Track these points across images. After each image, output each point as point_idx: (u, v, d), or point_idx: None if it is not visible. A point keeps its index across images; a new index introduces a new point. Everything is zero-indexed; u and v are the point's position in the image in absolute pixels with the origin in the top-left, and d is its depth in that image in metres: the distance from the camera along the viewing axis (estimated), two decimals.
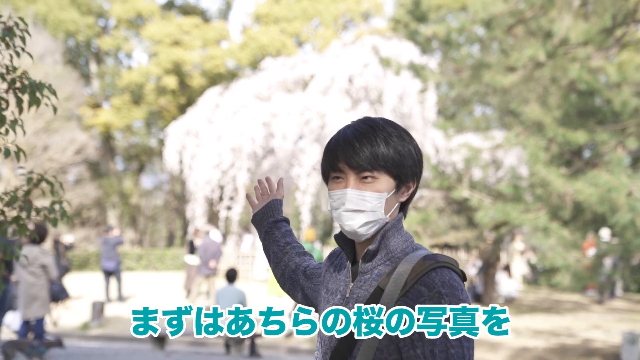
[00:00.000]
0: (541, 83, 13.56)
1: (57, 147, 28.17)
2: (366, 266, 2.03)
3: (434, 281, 1.90)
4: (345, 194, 2.00)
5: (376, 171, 1.98)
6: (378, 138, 1.99)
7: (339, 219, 2.03)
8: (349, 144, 2.00)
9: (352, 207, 1.99)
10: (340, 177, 2.03)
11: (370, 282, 2.00)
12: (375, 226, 2.01)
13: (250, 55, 33.50)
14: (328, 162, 2.06)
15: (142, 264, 26.90)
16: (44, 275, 10.74)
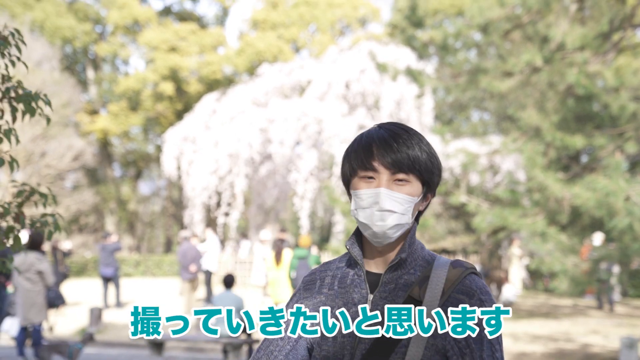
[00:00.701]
0: (538, 88, 13.58)
1: (55, 153, 28.15)
2: (391, 276, 1.98)
3: (472, 288, 1.93)
4: (379, 193, 1.93)
5: (411, 174, 1.95)
6: (413, 141, 1.97)
7: (367, 219, 1.94)
8: (387, 143, 1.95)
9: (386, 207, 1.92)
10: (372, 176, 1.95)
11: (396, 293, 1.96)
12: (400, 230, 1.96)
13: (247, 61, 33.53)
14: (360, 160, 1.97)
15: (140, 270, 26.87)
16: (41, 281, 10.73)
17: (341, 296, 2.00)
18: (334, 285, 2.04)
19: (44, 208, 3.94)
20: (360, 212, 1.96)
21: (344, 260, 2.10)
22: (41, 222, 3.89)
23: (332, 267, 2.10)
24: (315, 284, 2.08)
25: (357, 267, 2.02)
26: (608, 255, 11.65)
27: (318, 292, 2.06)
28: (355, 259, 2.01)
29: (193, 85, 33.95)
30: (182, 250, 17.25)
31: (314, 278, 2.10)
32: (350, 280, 2.02)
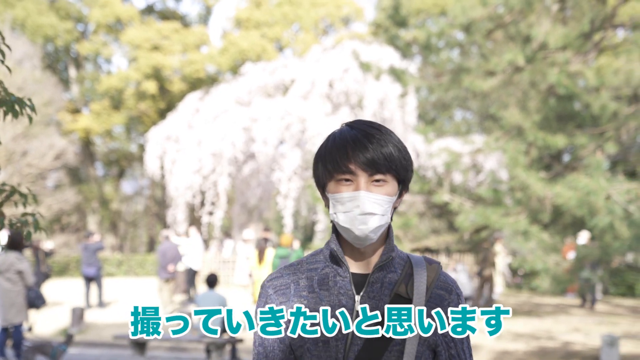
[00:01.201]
0: (520, 87, 13.66)
1: (36, 152, 27.97)
2: (377, 275, 1.97)
3: (448, 284, 2.03)
4: (359, 196, 1.90)
5: (388, 174, 1.93)
6: (387, 140, 1.94)
7: (349, 223, 1.92)
8: (362, 144, 1.92)
9: (367, 210, 1.90)
10: (349, 179, 1.92)
11: (382, 291, 1.96)
12: (381, 230, 1.95)
13: (230, 60, 33.46)
14: (335, 163, 1.93)
15: (123, 270, 26.75)
16: (21, 281, 10.66)
17: (326, 298, 1.96)
18: (314, 287, 1.99)
19: (24, 208, 3.92)
20: (341, 215, 1.93)
21: (314, 261, 2.05)
22: (21, 221, 3.87)
23: (302, 269, 2.04)
24: (290, 288, 2.02)
25: (341, 268, 1.98)
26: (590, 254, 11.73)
27: (296, 295, 2.00)
28: (340, 260, 1.98)
29: (176, 84, 33.84)
30: (162, 249, 17.34)
31: (285, 282, 2.03)
32: (333, 282, 1.98)
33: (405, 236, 18.62)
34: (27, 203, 3.90)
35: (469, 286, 18.13)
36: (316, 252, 2.07)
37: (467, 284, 18.09)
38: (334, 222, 1.97)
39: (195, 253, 18.35)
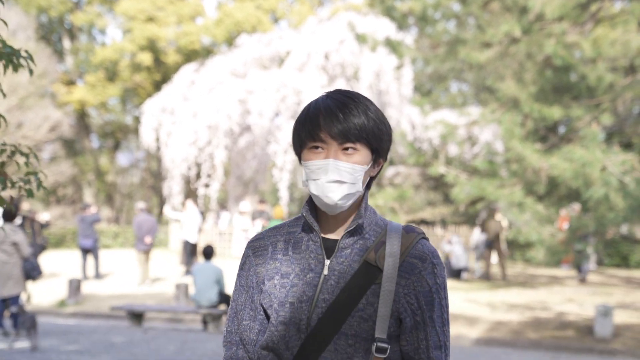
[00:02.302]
0: (517, 59, 13.61)
1: (31, 124, 27.88)
2: (347, 241, 1.99)
3: (424, 252, 2.00)
4: (328, 164, 1.94)
5: (358, 143, 1.95)
6: (359, 110, 1.96)
7: (318, 191, 1.95)
8: (332, 114, 1.95)
9: (334, 178, 1.93)
10: (320, 147, 1.96)
11: (352, 257, 1.98)
12: (351, 199, 1.97)
13: (225, 31, 33.26)
14: (307, 131, 1.97)
15: (119, 242, 26.80)
16: (17, 253, 10.69)
17: (297, 262, 2.01)
18: (288, 250, 2.04)
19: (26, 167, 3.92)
20: (311, 183, 1.96)
21: (295, 225, 2.09)
22: (24, 180, 3.87)
23: (283, 232, 2.09)
24: (267, 250, 2.07)
25: (312, 233, 2.02)
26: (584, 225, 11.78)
27: (271, 257, 2.05)
28: (311, 225, 2.01)
29: (171, 56, 33.66)
30: (137, 221, 17.70)
31: (264, 243, 2.09)
32: (306, 246, 2.02)
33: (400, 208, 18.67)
34: (29, 162, 3.90)
35: (464, 258, 18.24)
36: (300, 216, 2.09)
37: (463, 255, 18.19)
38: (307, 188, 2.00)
39: (192, 226, 18.38)
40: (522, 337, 12.26)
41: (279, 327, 1.96)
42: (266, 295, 2.02)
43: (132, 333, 11.78)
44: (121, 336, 11.25)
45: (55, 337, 10.83)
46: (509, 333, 12.52)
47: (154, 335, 11.59)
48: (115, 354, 9.33)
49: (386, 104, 22.22)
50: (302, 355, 1.94)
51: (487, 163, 13.88)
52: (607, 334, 11.85)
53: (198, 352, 9.58)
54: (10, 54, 3.70)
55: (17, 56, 3.72)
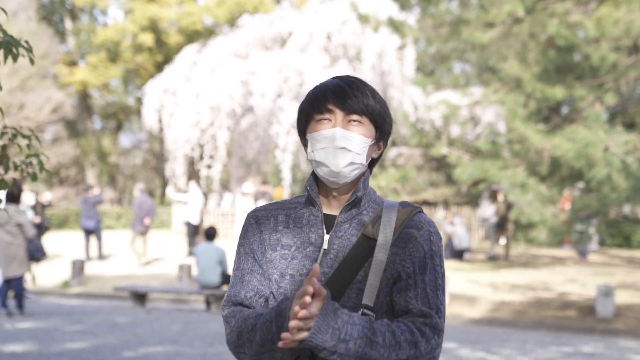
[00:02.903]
0: (520, 39, 13.55)
1: (33, 105, 27.86)
2: (346, 215, 2.06)
3: (421, 222, 2.06)
4: (335, 132, 2.01)
5: (364, 116, 2.03)
6: (366, 89, 2.06)
7: (325, 158, 2.01)
8: (341, 88, 2.04)
9: (341, 145, 2.00)
10: (327, 118, 2.03)
11: (350, 232, 2.04)
12: (356, 170, 2.04)
13: (227, 12, 33.12)
14: (314, 104, 2.05)
15: (122, 223, 26.86)
16: (21, 234, 10.72)
17: (297, 235, 2.07)
18: (289, 224, 2.10)
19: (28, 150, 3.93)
20: (317, 152, 2.03)
21: (296, 201, 2.16)
22: (25, 163, 3.88)
23: (284, 206, 2.15)
24: (270, 220, 2.13)
25: (314, 207, 2.09)
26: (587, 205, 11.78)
27: (273, 229, 2.11)
28: (314, 199, 2.08)
29: (173, 37, 33.55)
30: (137, 202, 17.75)
31: (267, 214, 2.14)
32: (307, 220, 2.08)
33: (403, 189, 18.66)
34: (31, 145, 3.91)
35: (467, 238, 18.26)
36: (301, 195, 2.17)
37: (465, 236, 18.22)
38: (311, 162, 2.06)
39: (195, 207, 18.41)
40: (524, 317, 12.30)
41: (279, 299, 2.01)
42: (270, 264, 2.07)
43: (135, 313, 11.84)
44: (124, 316, 11.30)
45: (59, 318, 10.89)
46: (511, 313, 12.56)
47: (157, 315, 11.64)
48: (119, 334, 9.38)
49: (389, 85, 22.15)
50: None
51: (490, 144, 13.86)
52: (608, 314, 11.89)
53: (201, 333, 9.63)
54: (10, 43, 3.69)
55: (17, 46, 3.71)
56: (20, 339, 8.76)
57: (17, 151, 3.99)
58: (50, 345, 8.39)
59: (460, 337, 10.03)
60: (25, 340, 8.67)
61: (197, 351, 8.20)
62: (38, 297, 14.53)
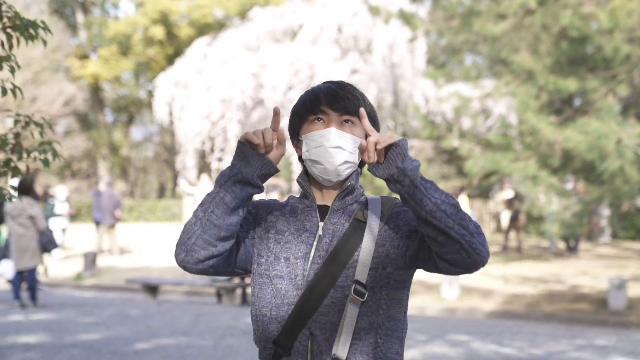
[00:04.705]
0: (532, 30, 13.47)
1: (45, 98, 27.96)
2: (339, 203, 2.16)
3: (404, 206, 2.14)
4: (330, 131, 2.11)
5: (356, 117, 2.14)
6: (357, 93, 2.19)
7: (319, 156, 2.11)
8: (334, 90, 2.16)
9: (336, 144, 2.10)
10: (321, 118, 2.14)
11: (344, 218, 2.15)
12: (350, 169, 2.15)
13: (238, 4, 33.11)
14: (307, 106, 2.17)
15: (134, 216, 26.96)
16: (33, 226, 10.77)
17: (292, 223, 2.18)
18: (285, 213, 2.22)
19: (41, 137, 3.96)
20: (312, 151, 2.13)
21: (290, 199, 2.28)
22: (39, 150, 3.90)
23: (289, 202, 2.27)
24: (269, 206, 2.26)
25: (307, 200, 2.20)
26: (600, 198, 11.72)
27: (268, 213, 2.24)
28: (307, 191, 2.19)
29: (184, 30, 33.58)
30: (105, 195, 17.85)
31: (267, 202, 2.28)
32: (301, 210, 2.20)
33: None
34: (44, 132, 3.94)
35: None
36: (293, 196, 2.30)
37: None
38: (305, 161, 2.17)
39: None
40: (536, 309, 12.28)
41: (274, 281, 2.12)
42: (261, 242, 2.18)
43: (147, 305, 11.89)
44: (136, 308, 11.35)
45: (72, 309, 10.95)
46: (523, 306, 12.54)
47: (168, 307, 11.68)
48: (131, 326, 9.42)
49: (399, 77, 22.10)
50: (299, 308, 2.06)
51: (501, 136, 13.80)
52: (621, 307, 11.85)
53: (212, 325, 9.65)
54: (26, 25, 3.72)
55: (35, 27, 3.74)
56: (33, 330, 8.81)
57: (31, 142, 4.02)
58: (63, 336, 8.43)
59: (472, 330, 10.02)
60: (38, 331, 8.72)
61: (208, 343, 8.23)
62: (51, 289, 14.61)
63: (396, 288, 2.11)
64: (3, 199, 3.98)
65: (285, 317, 2.08)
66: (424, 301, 13.06)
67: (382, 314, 2.08)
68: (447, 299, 13.08)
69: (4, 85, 3.73)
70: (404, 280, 2.13)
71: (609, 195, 11.32)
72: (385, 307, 2.08)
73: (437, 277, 14.22)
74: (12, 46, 3.76)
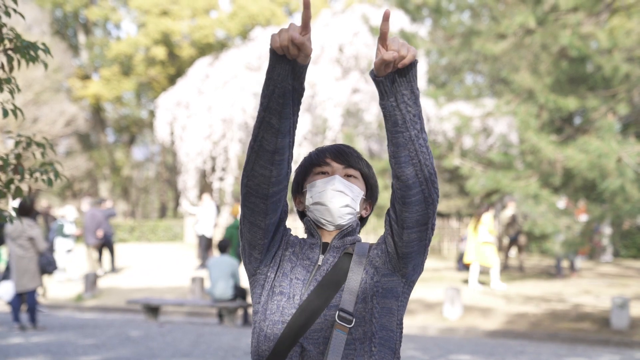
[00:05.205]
0: (532, 50, 13.52)
1: (47, 119, 28.03)
2: (339, 242, 2.30)
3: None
4: (334, 178, 2.27)
5: (358, 172, 2.33)
6: (359, 154, 2.38)
7: (323, 198, 2.26)
8: (338, 147, 2.35)
9: (340, 188, 2.26)
10: (325, 171, 2.31)
11: (339, 252, 2.29)
12: (350, 215, 2.29)
13: (239, 24, 33.26)
14: (313, 159, 2.34)
15: (135, 236, 26.93)
16: (32, 247, 10.75)
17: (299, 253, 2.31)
18: (296, 247, 2.34)
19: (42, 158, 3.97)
20: (315, 195, 2.28)
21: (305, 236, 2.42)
22: (40, 171, 3.90)
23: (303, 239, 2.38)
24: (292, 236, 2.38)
25: (313, 237, 2.33)
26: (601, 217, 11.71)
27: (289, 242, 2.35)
28: (313, 229, 2.32)
29: (185, 50, 33.71)
30: (88, 215, 17.57)
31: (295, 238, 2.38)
32: (308, 245, 2.32)
33: None
34: (45, 153, 3.95)
35: None
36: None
37: None
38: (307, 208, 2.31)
39: (208, 220, 18.42)
40: (539, 329, 12.22)
41: (277, 297, 2.23)
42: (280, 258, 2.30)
43: (148, 326, 11.85)
44: (137, 330, 11.31)
45: (72, 331, 10.91)
46: (525, 325, 12.48)
47: (169, 328, 11.64)
48: (132, 347, 9.38)
49: None
50: (291, 326, 2.16)
51: (502, 155, 13.82)
52: (623, 326, 11.79)
53: (213, 346, 9.61)
54: (27, 47, 3.73)
55: (35, 49, 3.76)
56: (34, 352, 8.77)
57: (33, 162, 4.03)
58: (63, 358, 8.40)
59: (475, 349, 9.97)
60: (38, 354, 8.68)
61: None
62: (51, 311, 14.57)
63: (385, 296, 2.20)
64: (4, 221, 3.98)
65: (279, 335, 2.17)
66: (425, 321, 13.01)
67: (375, 322, 2.17)
68: (448, 318, 13.02)
69: (4, 107, 3.74)
70: (392, 288, 2.22)
71: (610, 214, 11.31)
72: (377, 316, 2.18)
73: (438, 296, 14.16)
74: (13, 68, 3.78)
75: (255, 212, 2.20)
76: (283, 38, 1.98)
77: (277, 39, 1.99)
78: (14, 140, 3.96)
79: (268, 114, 2.10)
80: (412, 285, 2.30)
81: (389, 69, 2.01)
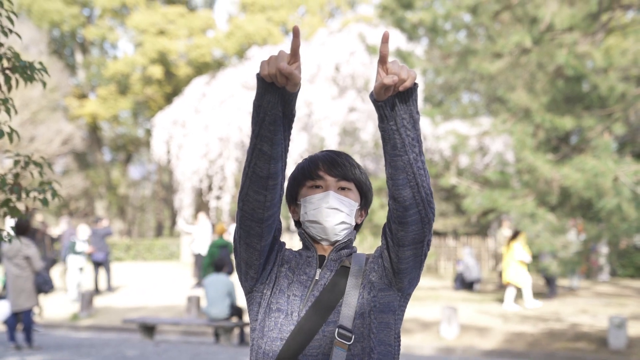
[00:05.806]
0: (528, 69, 13.58)
1: (43, 138, 28.02)
2: (335, 255, 2.30)
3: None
4: (328, 194, 2.26)
5: (352, 183, 2.30)
6: (352, 162, 2.34)
7: (318, 216, 2.25)
8: (331, 158, 2.31)
9: (334, 205, 2.25)
10: (319, 185, 2.29)
11: (335, 265, 2.30)
12: (346, 230, 2.30)
13: (236, 44, 33.36)
14: (306, 172, 2.30)
15: (131, 254, 26.85)
16: (29, 267, 10.71)
17: (296, 268, 2.30)
18: (291, 262, 2.33)
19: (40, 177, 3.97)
20: (311, 212, 2.27)
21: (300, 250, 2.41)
22: (38, 190, 3.89)
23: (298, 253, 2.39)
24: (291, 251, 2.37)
25: (309, 251, 2.33)
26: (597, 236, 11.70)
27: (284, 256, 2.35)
28: (309, 243, 2.32)
29: (182, 69, 33.78)
30: (66, 234, 17.78)
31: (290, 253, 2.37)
32: (304, 260, 2.32)
33: None
34: (43, 172, 3.95)
35: (477, 269, 18.16)
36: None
37: (475, 267, 18.12)
38: (303, 223, 2.31)
39: (204, 238, 18.39)
40: (536, 348, 12.18)
41: (274, 314, 2.22)
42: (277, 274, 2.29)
43: (144, 346, 11.78)
44: (133, 349, 11.25)
45: (68, 351, 10.85)
46: (523, 345, 12.44)
47: (165, 348, 11.58)
48: None
49: None
50: (289, 343, 2.15)
51: (499, 174, 13.83)
52: (621, 346, 11.76)
53: None
54: (25, 67, 3.74)
55: (32, 69, 3.77)
56: None
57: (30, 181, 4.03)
58: None
59: None
60: None
61: None
62: (47, 330, 14.49)
63: (382, 311, 2.21)
64: (2, 240, 3.97)
65: (277, 352, 2.16)
66: (422, 340, 12.96)
67: (373, 337, 2.17)
68: (445, 337, 12.98)
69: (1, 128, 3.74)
70: (389, 302, 2.23)
71: (607, 233, 11.31)
72: (375, 331, 2.18)
73: (435, 315, 14.12)
74: (11, 88, 3.78)
75: (251, 235, 2.21)
76: (271, 67, 1.98)
77: (266, 67, 1.99)
78: (12, 159, 3.96)
79: (260, 141, 2.10)
80: (408, 298, 2.31)
81: (389, 92, 2.02)
